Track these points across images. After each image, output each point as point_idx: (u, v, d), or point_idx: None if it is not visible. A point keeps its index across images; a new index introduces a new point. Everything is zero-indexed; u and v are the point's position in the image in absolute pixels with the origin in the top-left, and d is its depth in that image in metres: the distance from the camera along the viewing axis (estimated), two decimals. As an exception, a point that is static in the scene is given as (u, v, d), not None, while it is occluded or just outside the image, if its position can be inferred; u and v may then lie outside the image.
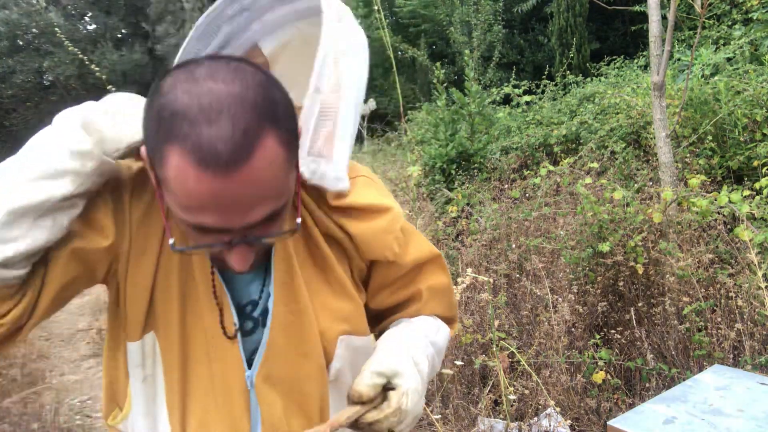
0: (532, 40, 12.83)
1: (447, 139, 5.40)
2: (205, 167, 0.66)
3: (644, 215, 3.14)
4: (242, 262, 0.76)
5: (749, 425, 1.49)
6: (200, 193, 0.67)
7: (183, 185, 0.67)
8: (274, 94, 0.71)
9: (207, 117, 0.66)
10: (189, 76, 0.69)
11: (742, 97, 4.41)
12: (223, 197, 0.68)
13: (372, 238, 0.94)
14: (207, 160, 0.66)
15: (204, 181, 0.66)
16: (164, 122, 0.67)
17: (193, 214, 0.70)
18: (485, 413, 2.62)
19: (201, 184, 0.67)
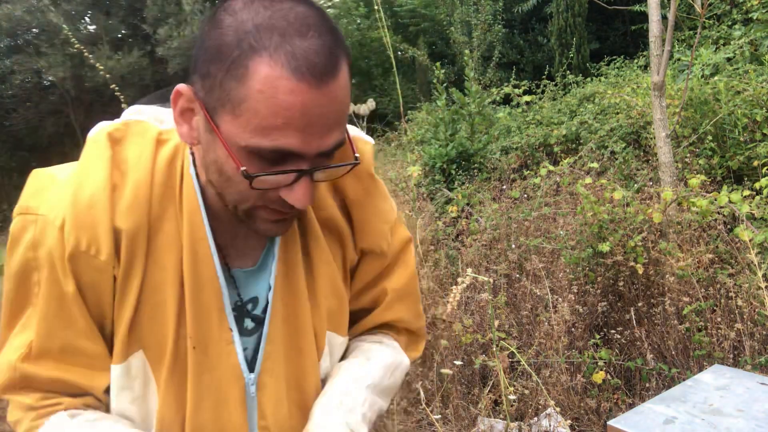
0: (531, 40, 12.84)
1: (447, 139, 5.40)
2: (300, 76, 0.64)
3: (644, 215, 3.13)
4: (307, 195, 0.72)
5: (749, 425, 1.49)
6: (291, 105, 0.65)
7: (272, 98, 0.64)
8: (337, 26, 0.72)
9: (298, 30, 0.65)
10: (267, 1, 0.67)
11: (742, 97, 4.41)
12: (312, 112, 0.66)
13: (373, 226, 0.93)
14: (302, 70, 0.64)
15: (297, 92, 0.65)
16: (247, 35, 0.65)
17: (273, 135, 0.66)
18: (485, 413, 2.62)
19: (293, 95, 0.65)
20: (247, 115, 0.66)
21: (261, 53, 0.64)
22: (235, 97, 0.66)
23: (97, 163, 0.78)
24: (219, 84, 0.67)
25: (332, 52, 0.67)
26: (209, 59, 0.68)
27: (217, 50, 0.67)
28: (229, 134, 0.68)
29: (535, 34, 12.82)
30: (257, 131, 0.66)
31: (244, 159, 0.69)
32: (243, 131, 0.67)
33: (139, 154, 0.80)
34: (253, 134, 0.67)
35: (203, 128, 0.73)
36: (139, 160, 0.80)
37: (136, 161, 0.80)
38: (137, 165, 0.79)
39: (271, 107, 0.65)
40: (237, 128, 0.67)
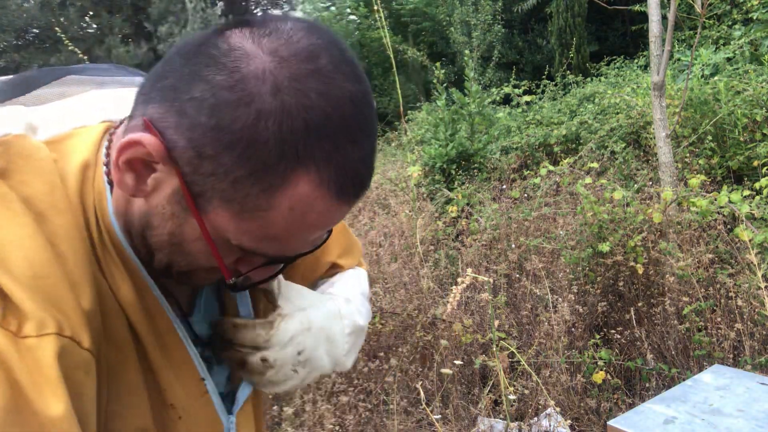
0: (531, 41, 12.84)
1: (447, 139, 5.40)
2: (343, 197, 0.53)
3: (644, 215, 3.14)
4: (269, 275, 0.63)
5: (749, 425, 1.49)
6: (317, 223, 0.54)
7: (301, 217, 0.52)
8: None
9: (352, 134, 0.51)
10: (313, 67, 0.50)
11: (742, 97, 4.41)
12: (328, 222, 0.56)
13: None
14: (347, 189, 0.53)
15: (330, 211, 0.53)
16: (295, 139, 0.49)
17: (278, 245, 0.55)
18: (485, 413, 2.62)
19: (326, 216, 0.54)
20: (258, 223, 0.52)
21: (307, 165, 0.50)
22: (250, 203, 0.51)
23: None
24: (231, 180, 0.50)
25: (374, 154, 0.55)
26: (224, 144, 0.49)
27: (244, 143, 0.49)
28: (218, 226, 0.53)
29: (535, 35, 12.83)
30: (261, 239, 0.54)
31: (224, 250, 0.56)
32: (242, 234, 0.54)
33: (49, 188, 0.54)
34: (254, 240, 0.54)
35: (168, 198, 0.54)
36: (52, 196, 0.54)
37: (49, 199, 0.53)
38: (55, 205, 0.54)
39: (295, 225, 0.53)
40: (234, 228, 0.53)
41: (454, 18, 9.55)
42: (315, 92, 0.49)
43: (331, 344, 0.75)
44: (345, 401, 2.62)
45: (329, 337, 0.75)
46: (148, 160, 0.53)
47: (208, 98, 0.49)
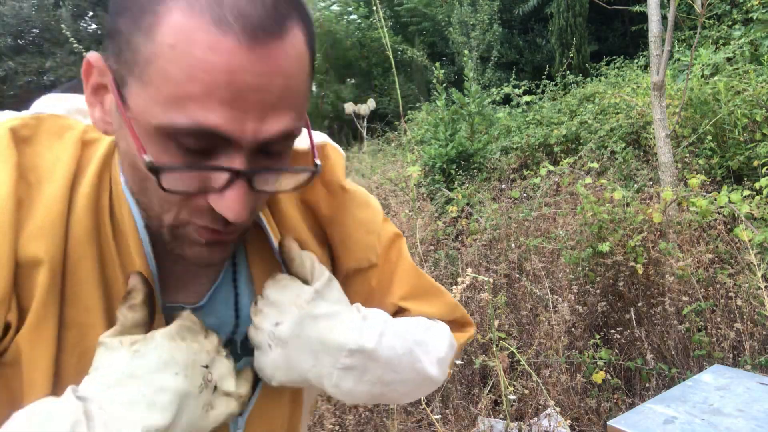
0: (531, 41, 12.85)
1: (447, 139, 5.40)
2: (225, 28, 0.48)
3: (644, 215, 3.14)
4: (242, 204, 0.54)
5: (749, 425, 1.49)
6: (212, 66, 0.48)
7: (187, 55, 0.48)
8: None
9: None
10: None
11: (741, 97, 4.42)
12: (242, 81, 0.49)
13: (357, 240, 0.77)
14: (228, 20, 0.48)
15: (220, 50, 0.48)
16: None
17: (190, 108, 0.49)
18: (485, 413, 2.62)
19: (216, 54, 0.48)
20: (156, 82, 0.49)
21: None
22: (142, 56, 0.49)
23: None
24: (127, 42, 0.50)
25: (277, 6, 0.50)
26: (117, 10, 0.52)
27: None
28: (138, 110, 0.51)
29: (535, 35, 12.83)
30: (170, 102, 0.49)
31: (159, 147, 0.52)
32: (153, 104, 0.50)
33: (54, 159, 0.61)
34: (165, 107, 0.49)
35: (114, 109, 0.55)
36: (54, 167, 0.60)
37: (50, 169, 0.60)
38: (52, 174, 0.60)
39: (185, 68, 0.48)
40: (146, 100, 0.50)
41: (453, 18, 9.56)
42: None
43: (322, 346, 0.66)
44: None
45: (322, 339, 0.66)
46: (100, 81, 0.56)
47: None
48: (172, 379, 0.56)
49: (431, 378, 0.76)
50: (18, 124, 0.61)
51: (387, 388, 0.71)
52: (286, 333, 0.65)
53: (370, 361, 0.68)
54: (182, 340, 0.59)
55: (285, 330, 0.65)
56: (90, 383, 0.56)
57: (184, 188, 0.53)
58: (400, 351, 0.71)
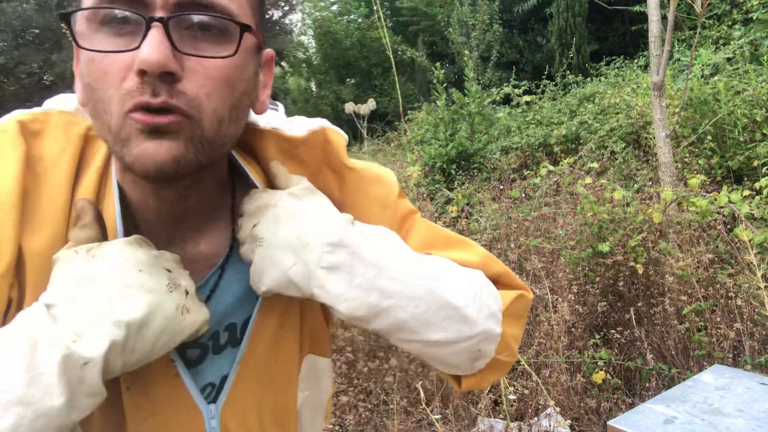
0: (531, 40, 12.85)
1: (447, 139, 5.40)
2: None
3: (644, 215, 3.14)
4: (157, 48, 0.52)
5: (749, 425, 1.49)
6: None
7: None
8: None
9: None
10: None
11: (741, 97, 4.42)
12: None
13: (373, 215, 0.74)
14: None
15: None
16: None
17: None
18: (485, 413, 2.62)
19: None
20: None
21: None
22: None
23: (3, 159, 0.60)
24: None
25: None
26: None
27: None
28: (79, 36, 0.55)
29: (535, 34, 12.83)
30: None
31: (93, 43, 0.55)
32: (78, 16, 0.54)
33: (59, 151, 0.63)
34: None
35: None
36: (59, 159, 0.63)
37: (55, 161, 0.63)
38: (56, 166, 0.62)
39: None
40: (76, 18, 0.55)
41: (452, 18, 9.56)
42: None
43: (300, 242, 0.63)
44: (345, 401, 2.62)
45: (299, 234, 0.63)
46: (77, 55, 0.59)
47: None
48: (137, 276, 0.55)
49: (453, 305, 0.66)
50: (28, 119, 0.64)
51: (390, 300, 0.64)
52: (262, 230, 0.64)
53: (357, 261, 0.63)
54: (139, 246, 0.58)
55: (261, 228, 0.64)
56: (51, 292, 0.54)
57: (103, 47, 0.54)
58: (397, 256, 0.66)
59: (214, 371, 0.68)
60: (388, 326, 0.66)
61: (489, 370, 0.74)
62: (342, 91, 15.19)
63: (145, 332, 0.54)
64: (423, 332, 0.66)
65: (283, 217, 0.64)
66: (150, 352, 0.55)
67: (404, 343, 0.68)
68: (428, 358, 0.70)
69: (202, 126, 0.57)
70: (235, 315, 0.69)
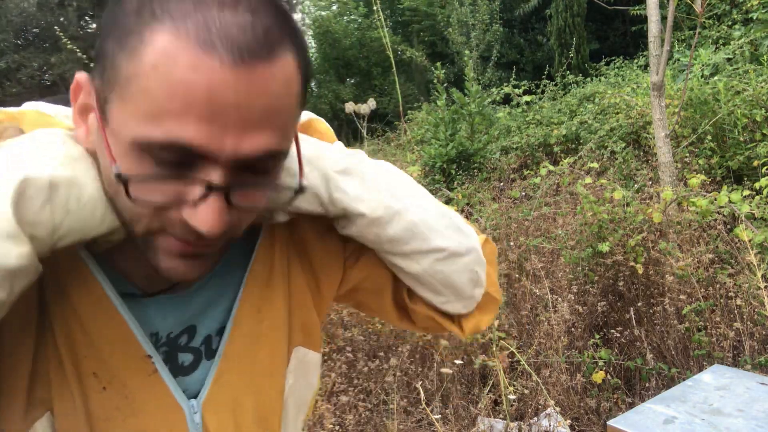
0: (531, 40, 12.85)
1: (447, 138, 5.40)
2: (210, 50, 0.48)
3: (644, 215, 3.14)
4: (216, 218, 0.52)
5: (749, 425, 1.50)
6: (192, 84, 0.48)
7: (168, 74, 0.48)
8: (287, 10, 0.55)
9: (219, 1, 0.49)
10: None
11: (741, 97, 4.42)
12: (223, 97, 0.48)
13: None
14: (214, 43, 0.48)
15: (203, 69, 0.48)
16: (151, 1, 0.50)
17: (167, 123, 0.49)
18: (485, 413, 2.62)
19: (197, 73, 0.48)
20: (136, 99, 0.49)
21: (164, 21, 0.48)
22: (124, 75, 0.50)
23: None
24: (111, 62, 0.51)
25: (268, 33, 0.50)
26: (105, 34, 0.52)
27: (113, 21, 0.52)
28: (117, 125, 0.51)
29: (535, 33, 12.83)
30: (147, 118, 0.49)
31: (135, 161, 0.51)
32: (131, 118, 0.50)
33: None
34: (142, 122, 0.49)
35: (96, 127, 0.55)
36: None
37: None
38: None
39: (165, 86, 0.48)
40: (125, 115, 0.50)
41: (452, 19, 9.56)
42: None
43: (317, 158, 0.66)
44: (345, 401, 2.62)
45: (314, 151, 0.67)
46: (87, 101, 0.56)
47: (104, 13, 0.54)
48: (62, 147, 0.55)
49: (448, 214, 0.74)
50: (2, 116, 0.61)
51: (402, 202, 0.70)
52: None
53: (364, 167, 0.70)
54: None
55: None
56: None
57: (155, 199, 0.52)
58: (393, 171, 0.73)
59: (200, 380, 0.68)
60: (403, 229, 0.70)
61: (484, 307, 0.81)
62: (341, 91, 15.18)
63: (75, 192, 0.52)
64: (432, 239, 0.72)
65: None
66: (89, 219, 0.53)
67: (418, 257, 0.72)
68: (438, 281, 0.74)
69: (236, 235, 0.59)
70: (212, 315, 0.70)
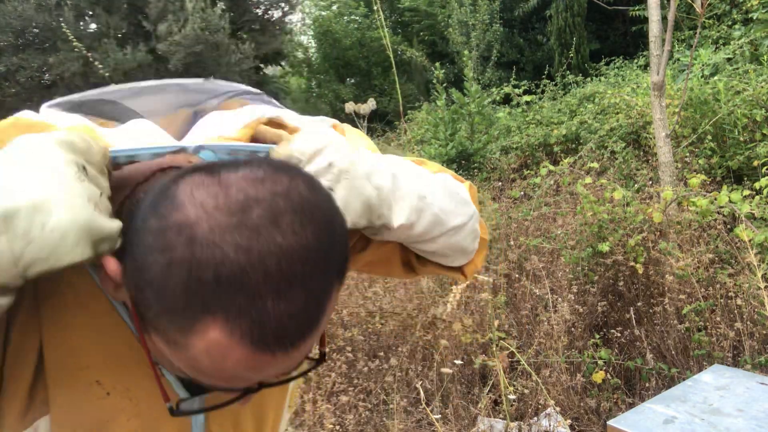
0: (531, 39, 12.84)
1: (447, 138, 5.41)
2: (263, 348, 0.49)
3: (644, 215, 3.14)
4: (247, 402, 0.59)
5: (749, 425, 1.50)
6: (241, 369, 0.51)
7: (220, 363, 0.50)
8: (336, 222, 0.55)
9: (275, 289, 0.48)
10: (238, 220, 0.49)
11: (741, 97, 4.42)
12: (270, 369, 0.53)
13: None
14: (268, 341, 0.49)
15: (253, 360, 0.50)
16: (201, 286, 0.48)
17: (216, 380, 0.53)
18: (485, 413, 2.62)
19: (247, 362, 0.50)
20: (185, 356, 0.52)
21: (216, 313, 0.48)
22: (171, 338, 0.51)
23: None
24: (154, 313, 0.52)
25: (319, 302, 0.52)
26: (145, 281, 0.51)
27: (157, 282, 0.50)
28: (158, 348, 0.55)
29: (535, 33, 12.82)
30: (195, 371, 0.53)
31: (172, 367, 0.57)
32: (177, 361, 0.53)
33: None
34: (190, 371, 0.54)
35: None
36: None
37: None
38: None
39: (217, 367, 0.51)
40: (169, 354, 0.53)
41: (452, 19, 9.56)
42: (233, 245, 0.48)
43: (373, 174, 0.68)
44: (345, 401, 2.62)
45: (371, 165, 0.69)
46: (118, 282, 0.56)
47: (141, 238, 0.52)
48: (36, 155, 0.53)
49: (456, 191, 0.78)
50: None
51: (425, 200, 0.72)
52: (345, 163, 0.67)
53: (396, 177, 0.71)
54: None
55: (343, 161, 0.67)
56: None
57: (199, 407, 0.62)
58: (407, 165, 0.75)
59: None
60: (428, 223, 0.73)
61: (479, 250, 0.86)
62: (341, 91, 15.17)
63: (40, 219, 0.49)
64: (449, 221, 0.75)
65: (347, 150, 0.67)
66: (58, 246, 0.49)
67: (435, 240, 0.75)
68: (449, 249, 0.78)
69: None
70: None
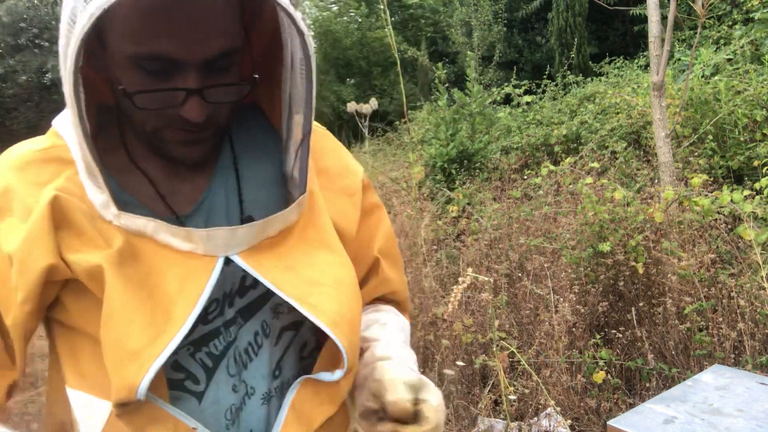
0: (531, 40, 12.84)
1: (448, 138, 5.41)
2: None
3: (645, 215, 3.14)
4: (199, 111, 0.69)
5: (749, 425, 1.50)
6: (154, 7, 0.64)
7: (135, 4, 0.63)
8: None
9: None
10: None
11: (742, 97, 4.42)
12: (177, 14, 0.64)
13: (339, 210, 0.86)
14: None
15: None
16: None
17: (145, 41, 0.65)
18: (485, 413, 2.62)
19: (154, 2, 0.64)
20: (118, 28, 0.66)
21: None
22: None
23: None
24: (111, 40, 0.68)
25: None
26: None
27: None
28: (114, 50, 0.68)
29: (534, 34, 12.82)
30: (131, 40, 0.66)
31: (133, 77, 0.68)
32: (122, 44, 0.66)
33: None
34: (129, 44, 0.66)
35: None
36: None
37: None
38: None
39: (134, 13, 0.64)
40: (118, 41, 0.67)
41: (454, 19, 9.56)
42: None
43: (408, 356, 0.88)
44: (345, 401, 2.61)
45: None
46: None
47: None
48: None
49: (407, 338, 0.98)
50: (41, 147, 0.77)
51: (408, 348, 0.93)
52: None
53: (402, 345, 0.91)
54: None
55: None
56: None
57: (153, 105, 0.69)
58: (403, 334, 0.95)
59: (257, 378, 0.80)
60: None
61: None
62: (342, 91, 15.17)
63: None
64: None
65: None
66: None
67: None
68: None
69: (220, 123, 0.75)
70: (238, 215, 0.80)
